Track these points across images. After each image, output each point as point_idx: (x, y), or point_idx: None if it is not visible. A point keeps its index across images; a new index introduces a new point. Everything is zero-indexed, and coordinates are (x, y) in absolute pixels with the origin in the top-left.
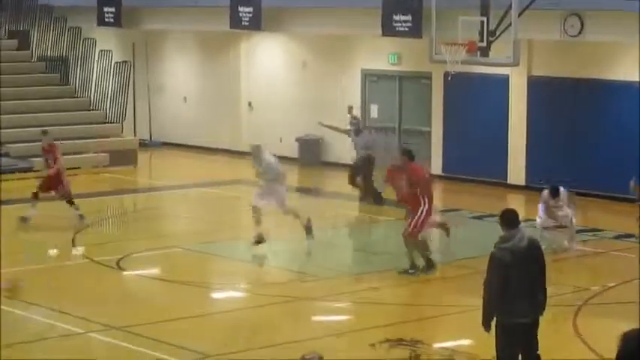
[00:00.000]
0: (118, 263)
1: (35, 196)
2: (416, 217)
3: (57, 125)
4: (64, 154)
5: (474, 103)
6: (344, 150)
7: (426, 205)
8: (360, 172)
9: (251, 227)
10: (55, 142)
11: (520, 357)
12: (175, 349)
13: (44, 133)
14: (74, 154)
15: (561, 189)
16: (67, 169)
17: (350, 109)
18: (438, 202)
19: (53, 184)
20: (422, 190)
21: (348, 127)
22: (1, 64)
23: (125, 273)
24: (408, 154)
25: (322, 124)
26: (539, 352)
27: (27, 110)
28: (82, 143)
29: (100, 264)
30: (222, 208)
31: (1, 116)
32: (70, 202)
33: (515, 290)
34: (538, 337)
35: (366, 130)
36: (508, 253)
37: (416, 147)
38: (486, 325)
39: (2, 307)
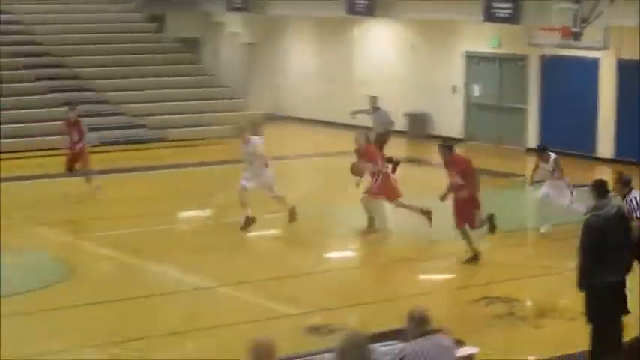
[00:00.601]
0: (244, 224)
1: (70, 170)
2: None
3: (189, 100)
4: (194, 126)
5: (567, 84)
6: (447, 124)
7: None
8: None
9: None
10: (80, 118)
11: (610, 315)
12: (293, 302)
13: (71, 108)
14: (203, 126)
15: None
16: (196, 139)
17: (372, 99)
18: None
19: (80, 158)
20: (470, 178)
21: (368, 107)
22: (143, 44)
23: (250, 234)
24: (450, 148)
25: (353, 113)
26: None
27: (163, 86)
28: (210, 116)
29: (228, 225)
30: (335, 177)
31: (143, 92)
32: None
33: (607, 253)
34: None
35: (381, 109)
36: (601, 220)
37: (513, 123)
38: (581, 286)
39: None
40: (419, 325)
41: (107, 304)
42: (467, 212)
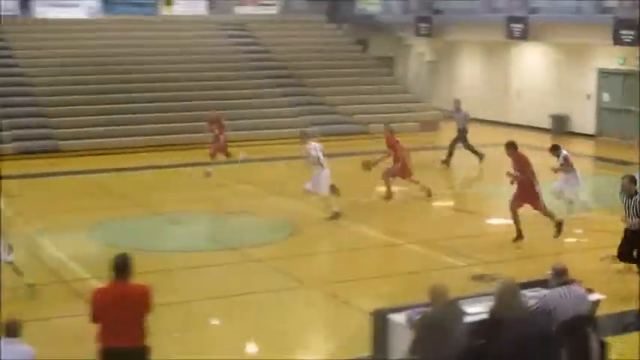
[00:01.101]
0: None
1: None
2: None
3: (385, 103)
4: (389, 122)
5: None
6: (583, 123)
7: (538, 185)
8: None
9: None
10: (220, 113)
11: None
12: (462, 256)
13: (211, 120)
14: (397, 122)
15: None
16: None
17: (455, 101)
18: None
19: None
20: (530, 174)
21: (453, 109)
22: (351, 61)
23: (435, 204)
24: (513, 145)
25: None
26: None
27: (367, 92)
28: (401, 115)
29: (417, 198)
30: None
31: (351, 97)
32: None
33: None
34: None
35: (462, 111)
36: None
37: (634, 122)
38: None
39: (347, 223)
40: (559, 276)
41: (322, 254)
42: (524, 197)
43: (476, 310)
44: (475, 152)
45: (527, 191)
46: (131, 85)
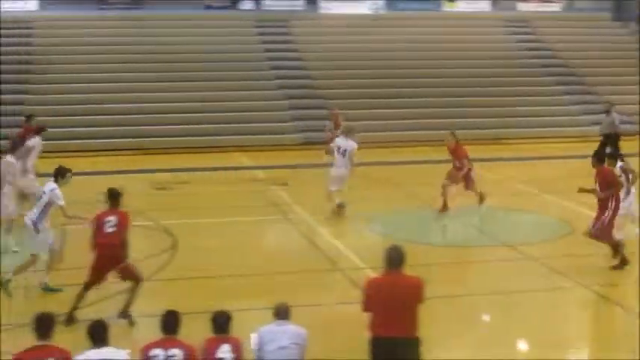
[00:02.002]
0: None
1: None
2: (602, 218)
3: None
4: None
5: None
6: None
7: (612, 208)
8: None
9: None
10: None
11: None
12: None
13: None
14: None
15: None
16: None
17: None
18: None
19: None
20: (610, 192)
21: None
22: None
23: None
24: (598, 158)
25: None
26: None
27: None
28: None
29: None
30: None
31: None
32: None
33: None
34: None
35: (613, 113)
36: None
37: None
38: None
39: None
40: None
41: (596, 257)
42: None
43: None
44: None
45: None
46: (410, 80)
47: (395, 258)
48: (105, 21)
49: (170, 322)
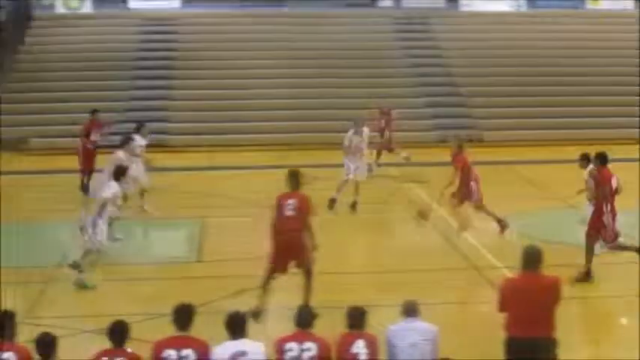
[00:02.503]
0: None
1: None
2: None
3: None
4: None
5: None
6: None
7: (602, 211)
8: None
9: None
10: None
11: None
12: None
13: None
14: None
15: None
16: None
17: None
18: None
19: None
20: (602, 195)
21: None
22: None
23: None
24: (601, 159)
25: None
26: None
27: None
28: None
29: None
30: None
31: None
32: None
33: None
34: None
35: None
36: None
37: None
38: None
39: None
40: None
41: None
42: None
43: None
44: None
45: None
46: (552, 78)
47: (532, 258)
48: (246, 18)
49: (305, 316)
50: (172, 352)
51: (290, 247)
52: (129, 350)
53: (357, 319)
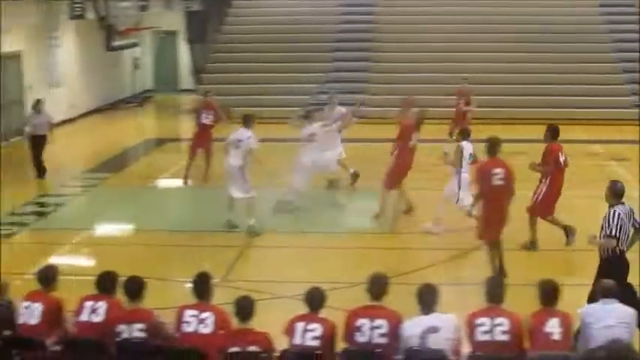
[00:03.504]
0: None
1: None
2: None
3: None
4: None
5: None
6: None
7: (546, 186)
8: None
9: None
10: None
11: None
12: None
13: None
14: None
15: None
16: None
17: None
18: None
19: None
20: (548, 170)
21: None
22: None
23: None
24: (552, 132)
25: None
26: None
27: None
28: None
29: None
30: None
31: None
32: None
33: None
34: None
35: None
36: None
37: None
38: None
39: None
40: None
41: None
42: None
43: None
44: None
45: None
46: None
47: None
48: None
49: (496, 291)
50: (366, 321)
51: (502, 216)
52: (323, 317)
53: (550, 295)
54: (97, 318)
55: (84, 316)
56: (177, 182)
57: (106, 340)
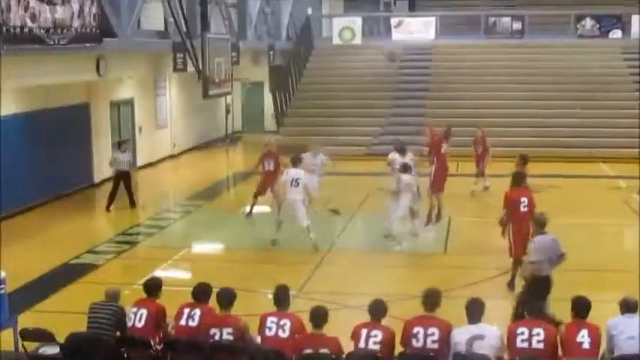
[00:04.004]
0: None
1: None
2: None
3: None
4: None
5: None
6: None
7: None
8: None
9: None
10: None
11: None
12: None
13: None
14: None
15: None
16: None
17: None
18: None
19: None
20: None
21: None
22: None
23: None
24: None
25: None
26: None
27: None
28: None
29: None
30: None
31: None
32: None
33: None
34: None
35: None
36: None
37: None
38: None
39: None
40: None
41: None
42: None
43: None
44: None
45: None
46: None
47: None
48: (491, 48)
49: (535, 306)
50: (420, 329)
51: (526, 237)
52: (384, 325)
53: (582, 308)
54: (193, 323)
55: (182, 321)
56: (261, 209)
57: (201, 341)
